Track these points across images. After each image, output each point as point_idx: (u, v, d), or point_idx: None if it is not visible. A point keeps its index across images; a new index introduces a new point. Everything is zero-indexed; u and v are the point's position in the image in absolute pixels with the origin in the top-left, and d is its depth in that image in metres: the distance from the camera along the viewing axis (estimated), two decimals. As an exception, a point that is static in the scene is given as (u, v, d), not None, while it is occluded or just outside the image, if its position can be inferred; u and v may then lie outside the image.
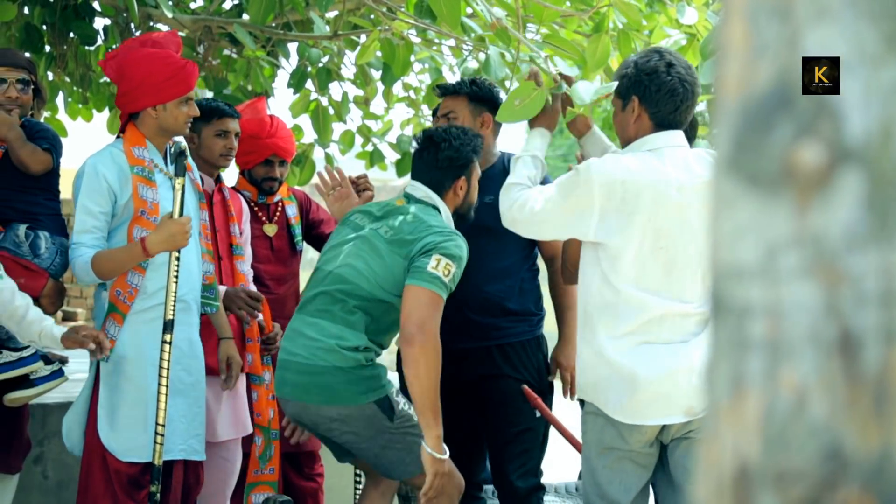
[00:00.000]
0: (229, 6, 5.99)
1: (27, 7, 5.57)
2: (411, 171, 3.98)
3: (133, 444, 3.78)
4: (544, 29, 4.24)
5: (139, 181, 3.80)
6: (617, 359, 3.22)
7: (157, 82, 3.81)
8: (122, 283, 3.77)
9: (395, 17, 4.79)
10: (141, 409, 3.79)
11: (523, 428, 4.08)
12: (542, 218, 3.37)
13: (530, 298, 4.20)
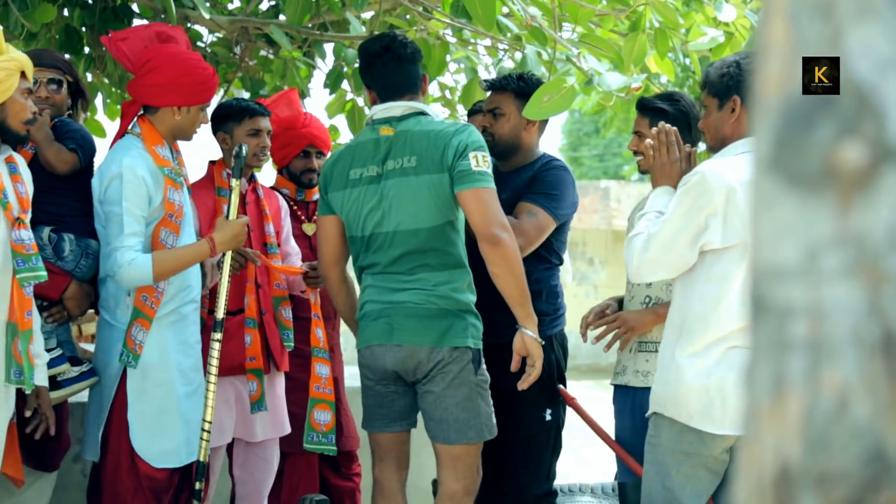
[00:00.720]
0: (266, 7, 6.01)
1: (67, 9, 5.62)
2: (378, 90, 3.85)
3: (165, 449, 3.80)
4: (580, 28, 4.23)
5: (169, 184, 3.81)
6: (708, 370, 3.19)
7: (189, 84, 3.83)
8: (149, 288, 3.77)
9: (431, 17, 4.80)
10: (170, 415, 3.82)
11: (532, 432, 4.02)
12: (668, 240, 3.24)
13: (543, 297, 4.09)
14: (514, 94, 4.04)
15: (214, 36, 6.14)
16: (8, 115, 3.47)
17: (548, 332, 4.06)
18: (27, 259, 3.49)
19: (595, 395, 10.64)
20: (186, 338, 3.89)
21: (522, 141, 4.07)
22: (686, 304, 3.29)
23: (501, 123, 4.04)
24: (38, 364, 3.62)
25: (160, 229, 3.78)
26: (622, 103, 4.59)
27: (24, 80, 3.51)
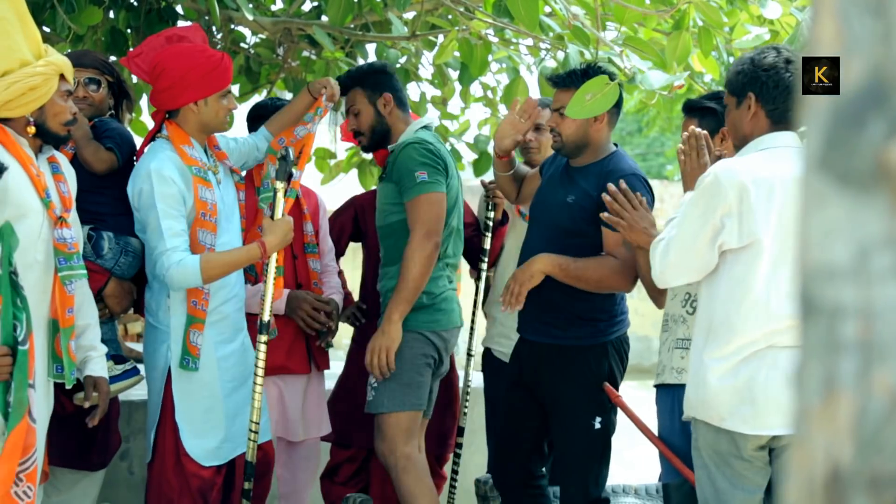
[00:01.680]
0: (308, 8, 6.03)
1: (112, 11, 5.67)
2: None
3: (211, 447, 3.84)
4: (623, 28, 4.21)
5: (199, 182, 3.81)
6: (736, 371, 3.17)
7: (198, 76, 3.81)
8: (198, 293, 3.80)
9: (473, 17, 4.80)
10: (214, 413, 3.86)
11: (582, 440, 3.96)
12: (687, 243, 3.24)
13: (598, 302, 4.00)
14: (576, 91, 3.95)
15: (257, 37, 6.17)
16: (48, 116, 3.51)
17: (601, 338, 3.98)
18: (69, 257, 3.53)
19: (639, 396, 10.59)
20: (229, 336, 3.90)
21: (591, 138, 3.97)
22: (711, 307, 3.27)
23: (567, 123, 3.94)
24: (94, 356, 3.67)
25: (196, 230, 3.80)
26: (665, 102, 4.57)
27: (64, 83, 3.55)
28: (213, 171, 3.92)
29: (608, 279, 3.87)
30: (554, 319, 3.95)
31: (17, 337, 2.96)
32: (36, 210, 3.49)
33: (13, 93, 3.41)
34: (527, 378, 4.05)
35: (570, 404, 3.94)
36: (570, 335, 3.95)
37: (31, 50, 3.44)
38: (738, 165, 3.22)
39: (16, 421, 2.95)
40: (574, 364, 3.94)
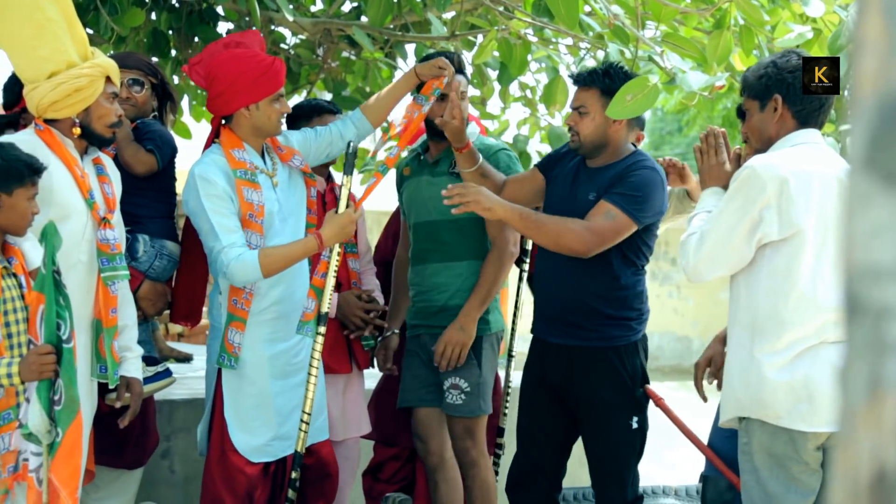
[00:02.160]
0: (348, 9, 6.05)
1: (154, 13, 5.72)
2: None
3: (259, 444, 3.86)
4: (663, 26, 4.19)
5: (243, 184, 3.82)
6: (792, 366, 3.14)
7: (248, 81, 3.83)
8: (239, 291, 3.82)
9: (513, 17, 4.79)
10: (263, 411, 3.88)
11: (619, 441, 3.91)
12: (723, 236, 3.23)
13: (629, 302, 3.94)
14: (599, 91, 3.89)
15: (297, 38, 6.20)
16: (93, 118, 3.55)
17: (633, 337, 3.95)
18: (111, 258, 3.57)
19: (679, 397, 10.53)
20: (283, 335, 3.92)
21: (609, 139, 3.93)
22: (753, 302, 3.24)
23: (586, 122, 3.90)
24: (129, 357, 3.70)
25: (243, 231, 3.81)
26: (705, 102, 4.54)
27: (110, 85, 3.59)
28: (267, 174, 3.93)
29: (566, 237, 3.78)
30: (583, 321, 3.90)
31: (62, 335, 3.00)
32: (80, 211, 3.53)
33: (59, 94, 3.46)
34: (553, 381, 3.99)
35: (608, 405, 3.90)
36: (602, 336, 3.91)
37: (78, 52, 3.48)
38: (775, 159, 3.21)
39: (70, 418, 2.98)
40: (609, 365, 3.90)
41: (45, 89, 3.46)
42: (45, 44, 3.41)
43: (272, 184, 3.93)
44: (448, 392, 4.26)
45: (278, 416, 3.89)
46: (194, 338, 9.22)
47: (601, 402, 3.89)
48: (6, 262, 3.24)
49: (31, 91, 3.51)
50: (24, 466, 3.10)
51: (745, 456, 3.32)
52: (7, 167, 3.19)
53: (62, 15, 3.43)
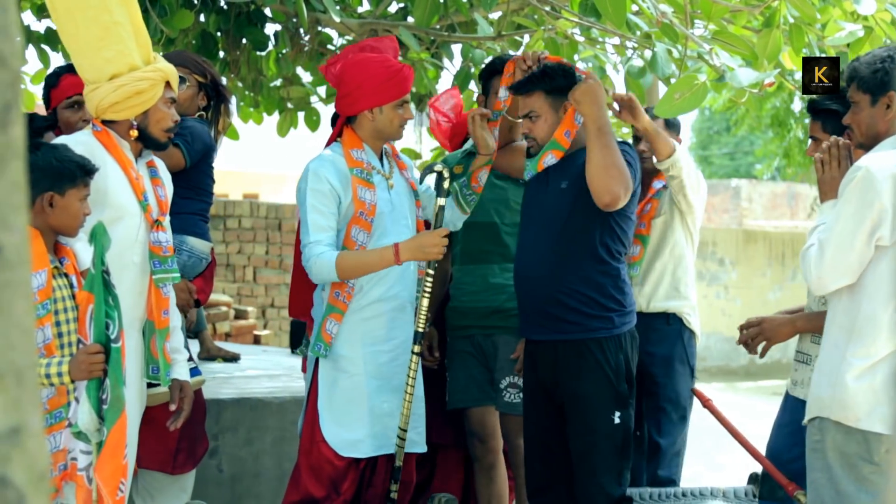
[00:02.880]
0: (395, 9, 6.07)
1: (203, 15, 5.77)
2: None
3: (349, 439, 3.87)
4: (712, 24, 4.16)
5: (358, 182, 3.87)
6: (874, 370, 3.11)
7: (375, 85, 3.87)
8: (341, 285, 3.86)
9: (560, 16, 4.78)
10: (357, 406, 3.89)
11: (600, 436, 3.82)
12: (844, 243, 3.16)
13: (607, 290, 3.85)
14: (543, 92, 3.83)
15: (344, 39, 6.23)
16: (150, 122, 3.59)
17: (615, 330, 3.85)
18: (163, 261, 3.60)
19: (726, 399, 10.46)
20: (382, 335, 3.94)
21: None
22: (854, 306, 3.18)
23: (539, 125, 3.84)
24: (179, 359, 3.73)
25: (351, 227, 3.86)
26: (754, 100, 4.50)
27: (169, 90, 3.62)
28: (384, 175, 3.97)
29: (618, 173, 3.65)
30: (563, 314, 3.82)
31: (110, 335, 3.02)
32: (133, 213, 3.56)
33: (120, 96, 3.50)
34: (543, 378, 3.92)
35: (589, 399, 3.82)
36: (583, 328, 3.83)
37: (141, 56, 3.52)
38: (888, 159, 3.14)
39: (115, 418, 3.01)
40: (590, 358, 3.82)
41: (107, 90, 3.50)
42: (109, 45, 3.45)
43: (387, 185, 3.97)
44: (506, 391, 4.28)
45: (372, 414, 3.89)
46: (241, 338, 9.30)
47: (582, 395, 3.82)
48: (58, 262, 3.28)
49: (91, 91, 3.54)
50: (73, 466, 3.13)
51: (816, 454, 3.28)
52: (60, 168, 3.22)
53: (128, 18, 3.46)
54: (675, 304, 4.70)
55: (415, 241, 3.76)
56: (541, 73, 3.84)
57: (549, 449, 3.94)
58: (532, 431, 3.99)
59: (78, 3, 3.41)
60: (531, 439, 3.99)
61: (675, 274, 4.72)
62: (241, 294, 10.76)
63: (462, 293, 4.42)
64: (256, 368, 6.41)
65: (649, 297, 4.67)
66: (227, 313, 9.42)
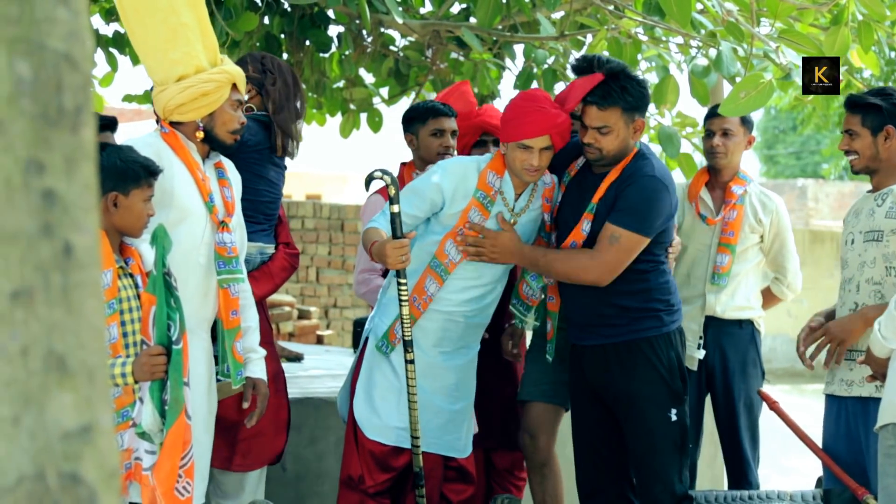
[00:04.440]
0: (457, 10, 6.07)
1: (267, 17, 5.82)
2: None
3: (381, 424, 3.89)
4: (779, 23, 4.10)
5: (475, 205, 3.86)
6: None
7: (512, 122, 3.82)
8: (420, 291, 3.86)
9: (623, 16, 4.75)
10: (395, 395, 3.90)
11: (657, 434, 3.80)
12: None
13: (653, 293, 3.85)
14: (621, 110, 3.78)
15: (407, 40, 6.25)
16: (216, 124, 3.62)
17: (664, 328, 3.85)
18: (228, 262, 3.62)
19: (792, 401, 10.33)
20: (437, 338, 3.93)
21: (629, 148, 3.85)
22: None
23: (609, 139, 3.79)
24: (254, 358, 3.76)
25: (447, 240, 3.88)
26: (821, 99, 4.44)
27: (236, 92, 3.64)
28: (509, 209, 3.93)
29: (577, 274, 3.78)
30: (611, 319, 3.82)
31: (171, 336, 3.05)
32: (199, 214, 3.59)
33: (186, 97, 3.53)
34: (592, 381, 3.91)
35: (644, 399, 3.81)
36: (632, 329, 3.82)
37: (207, 58, 3.55)
38: None
39: (173, 418, 3.04)
40: (642, 357, 3.81)
41: (173, 92, 3.54)
42: (177, 47, 3.48)
43: (510, 218, 3.93)
44: None
45: (405, 408, 3.88)
46: (304, 338, 9.37)
47: (637, 395, 3.81)
48: (123, 263, 3.32)
49: (159, 93, 3.59)
50: (137, 466, 3.16)
51: (890, 459, 3.23)
52: (124, 169, 3.25)
53: (196, 20, 3.49)
54: (750, 311, 4.69)
55: (379, 246, 3.69)
56: (620, 88, 3.77)
57: (599, 452, 3.94)
58: (582, 436, 3.99)
59: (146, 6, 3.44)
60: (582, 443, 3.99)
61: (749, 281, 4.71)
62: (304, 294, 10.84)
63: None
64: (319, 368, 6.45)
65: (725, 303, 4.64)
66: (291, 313, 9.50)
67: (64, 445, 1.05)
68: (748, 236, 4.66)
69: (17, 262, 1.06)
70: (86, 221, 1.10)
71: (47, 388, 1.05)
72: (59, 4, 1.08)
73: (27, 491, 1.03)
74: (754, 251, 4.72)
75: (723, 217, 4.59)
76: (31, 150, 1.07)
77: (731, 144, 4.60)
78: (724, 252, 4.61)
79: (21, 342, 1.05)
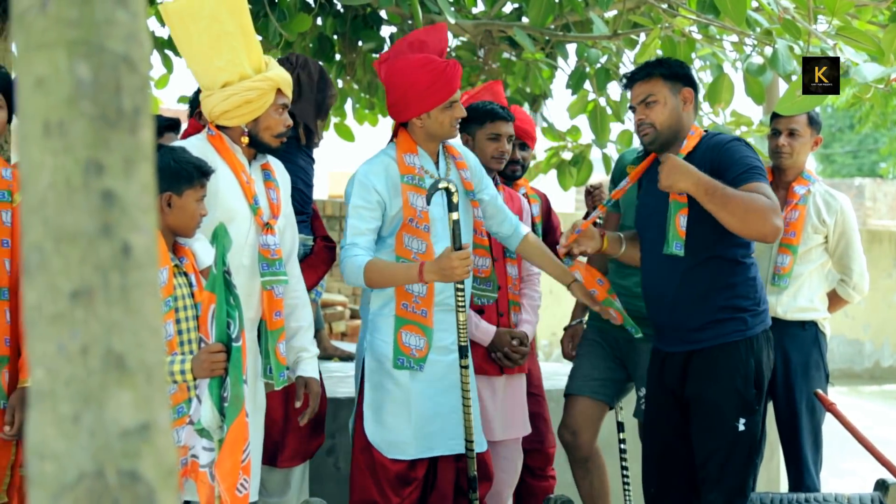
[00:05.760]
0: (509, 10, 6.06)
1: (320, 18, 5.85)
2: None
3: (397, 440, 3.87)
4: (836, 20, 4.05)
5: (409, 189, 3.84)
6: None
7: (419, 91, 3.83)
8: (406, 296, 3.84)
9: (677, 14, 4.72)
10: (404, 407, 3.88)
11: (723, 443, 3.71)
12: None
13: (739, 289, 3.75)
14: (661, 77, 3.78)
15: (459, 40, 6.25)
16: (260, 128, 3.65)
17: (748, 332, 3.74)
18: (271, 263, 3.65)
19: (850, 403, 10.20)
20: (438, 338, 3.93)
21: (682, 123, 3.80)
22: None
23: (658, 110, 3.77)
24: (307, 357, 3.79)
25: (402, 234, 3.84)
26: (879, 97, 4.37)
27: (281, 97, 3.67)
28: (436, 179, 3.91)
29: (755, 216, 3.51)
30: (694, 319, 3.74)
31: (231, 334, 3.08)
32: (244, 215, 3.62)
33: (230, 104, 3.57)
34: (670, 385, 3.86)
35: (714, 405, 3.72)
36: (716, 333, 3.73)
37: (251, 64, 3.58)
38: None
39: (234, 415, 3.06)
40: (721, 363, 3.72)
41: (218, 98, 3.58)
42: (220, 55, 3.53)
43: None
44: (644, 400, 4.19)
45: (418, 416, 3.89)
46: (357, 337, 9.39)
47: (707, 400, 3.74)
48: (178, 261, 3.36)
49: (205, 98, 3.63)
50: (193, 463, 3.19)
51: None
52: (178, 169, 3.30)
53: (240, 28, 3.53)
54: (813, 312, 4.63)
55: (436, 264, 3.66)
56: (657, 61, 3.81)
57: (666, 456, 3.89)
58: (652, 438, 3.93)
59: (191, 14, 3.49)
60: (651, 446, 3.94)
61: (813, 282, 4.66)
62: (357, 294, 10.87)
63: (626, 294, 4.37)
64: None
65: (787, 305, 4.59)
66: (343, 313, 9.53)
67: (123, 443, 1.06)
68: (811, 237, 4.60)
69: (76, 262, 1.07)
70: (144, 222, 1.11)
71: (106, 387, 1.06)
72: (118, 7, 1.09)
73: (87, 488, 1.05)
74: (818, 252, 4.66)
75: (784, 217, 4.54)
76: (90, 151, 1.08)
77: (798, 144, 4.55)
78: (784, 253, 4.55)
79: (81, 341, 1.06)
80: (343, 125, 6.88)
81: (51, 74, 1.07)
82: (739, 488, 3.72)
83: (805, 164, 4.66)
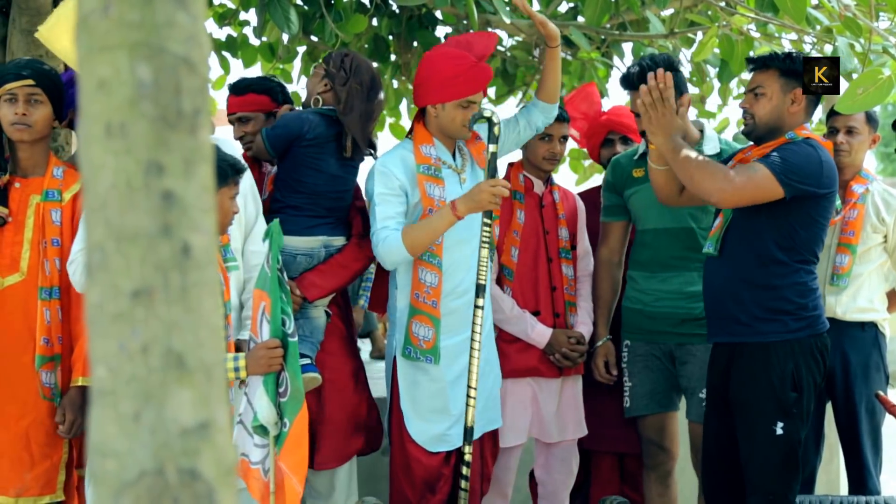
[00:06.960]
0: (565, 9, 6.04)
1: (376, 19, 5.86)
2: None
3: (436, 434, 3.89)
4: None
5: (426, 179, 3.85)
6: None
7: (441, 80, 3.84)
8: (419, 285, 3.84)
9: (735, 12, 4.67)
10: (439, 399, 3.89)
11: (760, 447, 3.65)
12: None
13: (782, 291, 3.67)
14: (778, 71, 3.70)
15: (514, 40, 6.23)
16: None
17: (788, 335, 3.66)
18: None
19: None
20: (456, 329, 3.91)
21: (785, 122, 3.73)
22: None
23: (762, 104, 3.72)
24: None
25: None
26: (943, 94, 4.30)
27: None
28: (455, 170, 3.95)
29: (703, 177, 3.59)
30: (736, 313, 3.69)
31: (286, 330, 3.10)
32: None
33: None
34: (714, 383, 3.83)
35: (751, 406, 3.67)
36: (755, 331, 3.67)
37: None
38: None
39: (296, 409, 3.09)
40: (757, 362, 3.66)
41: None
42: None
43: (459, 180, 3.95)
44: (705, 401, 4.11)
45: (454, 404, 3.89)
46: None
47: (744, 402, 3.69)
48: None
49: None
50: (243, 462, 3.21)
51: None
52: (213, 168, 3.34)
53: None
54: (873, 313, 4.57)
55: (468, 194, 3.69)
56: (784, 54, 3.73)
57: (719, 457, 3.85)
58: (709, 438, 3.90)
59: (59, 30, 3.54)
60: (707, 447, 3.91)
61: (872, 282, 4.59)
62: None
63: (654, 298, 4.32)
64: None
65: (846, 305, 4.53)
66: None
67: (183, 442, 1.07)
68: (870, 236, 4.53)
69: (137, 261, 1.08)
70: (203, 222, 1.12)
71: (166, 386, 1.07)
72: (178, 9, 1.10)
73: (147, 486, 1.06)
74: (878, 251, 4.59)
75: (843, 216, 4.47)
76: (151, 151, 1.09)
77: (856, 143, 4.49)
78: (843, 252, 4.49)
79: (141, 340, 1.07)
80: (398, 125, 6.90)
81: (112, 76, 1.08)
82: (781, 494, 3.65)
83: (863, 163, 4.59)
